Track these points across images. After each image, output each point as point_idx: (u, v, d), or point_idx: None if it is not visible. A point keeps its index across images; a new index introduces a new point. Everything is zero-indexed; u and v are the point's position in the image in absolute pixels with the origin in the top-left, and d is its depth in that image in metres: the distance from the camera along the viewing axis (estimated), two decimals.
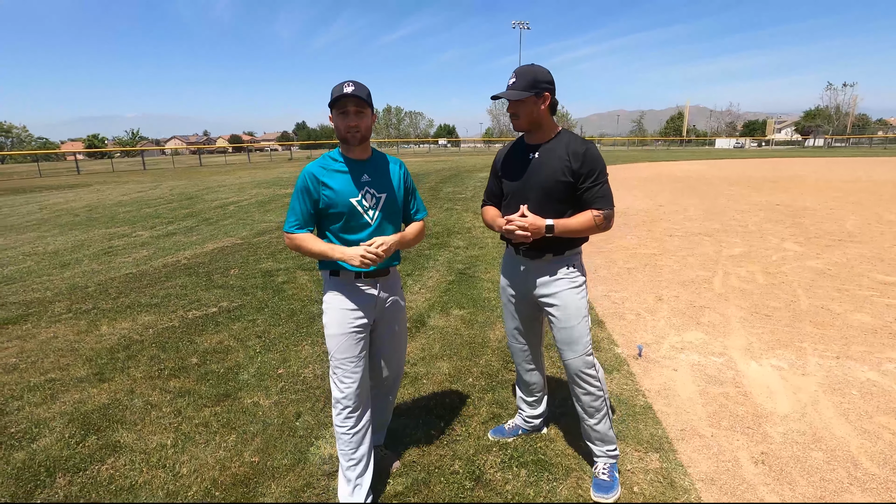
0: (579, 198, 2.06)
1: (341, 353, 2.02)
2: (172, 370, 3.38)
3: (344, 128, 1.94)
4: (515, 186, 2.16)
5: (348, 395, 2.03)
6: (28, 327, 4.25)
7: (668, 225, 8.52)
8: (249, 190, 15.31)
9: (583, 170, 2.02)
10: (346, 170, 2.00)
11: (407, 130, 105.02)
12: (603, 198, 2.04)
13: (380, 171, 2.08)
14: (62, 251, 7.37)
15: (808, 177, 17.41)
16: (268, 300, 4.80)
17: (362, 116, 1.95)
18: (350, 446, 2.05)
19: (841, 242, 6.92)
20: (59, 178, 25.45)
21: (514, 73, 2.07)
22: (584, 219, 2.03)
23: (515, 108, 2.07)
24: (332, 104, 1.92)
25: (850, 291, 4.81)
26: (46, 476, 2.33)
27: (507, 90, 2.06)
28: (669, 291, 4.94)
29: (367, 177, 2.03)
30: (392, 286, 2.17)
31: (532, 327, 2.40)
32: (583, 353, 2.15)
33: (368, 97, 1.95)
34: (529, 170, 2.12)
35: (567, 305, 2.14)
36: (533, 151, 2.14)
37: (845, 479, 2.25)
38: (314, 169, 2.00)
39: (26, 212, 12.14)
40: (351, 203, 1.98)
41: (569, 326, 2.14)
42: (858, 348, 3.57)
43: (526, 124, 2.10)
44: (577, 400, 2.24)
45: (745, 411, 2.81)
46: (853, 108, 78.92)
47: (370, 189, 2.02)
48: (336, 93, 1.89)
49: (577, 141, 2.08)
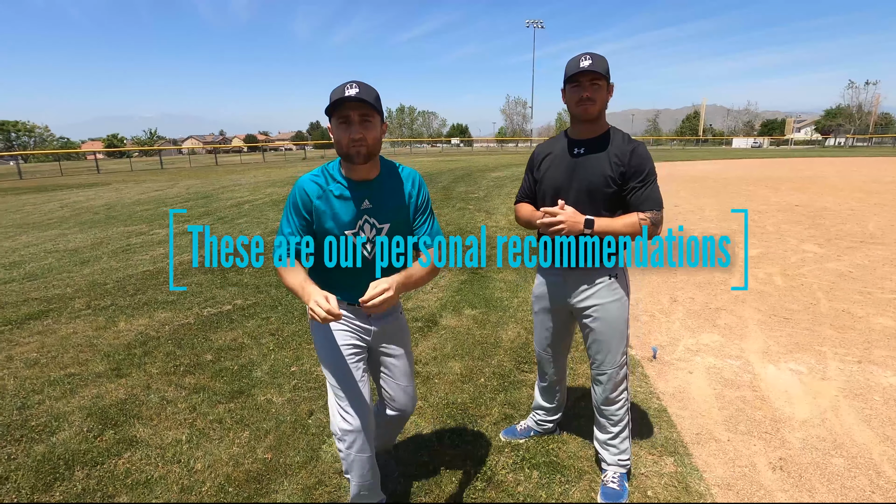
0: (625, 201, 1.92)
1: (342, 379, 1.75)
2: (188, 367, 3.43)
3: (346, 142, 1.56)
4: (556, 183, 2.00)
5: (356, 425, 1.74)
6: (48, 323, 4.35)
7: (684, 225, 8.40)
8: (264, 189, 15.47)
9: (630, 170, 1.88)
10: (346, 195, 1.66)
11: (420, 130, 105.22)
12: (651, 199, 1.89)
13: (386, 194, 1.71)
14: (82, 248, 7.53)
15: (829, 177, 17.03)
16: (281, 298, 4.84)
17: (369, 126, 1.57)
18: (361, 476, 1.83)
19: (863, 244, 6.75)
20: (79, 177, 26.00)
21: (588, 54, 1.86)
22: (628, 220, 1.87)
23: (593, 92, 1.86)
24: (330, 110, 1.55)
25: (872, 294, 4.69)
26: (65, 469, 2.38)
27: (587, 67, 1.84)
28: (684, 293, 4.87)
29: (369, 203, 1.68)
30: (388, 314, 1.85)
31: (563, 338, 2.30)
32: (616, 366, 2.09)
33: (377, 101, 1.57)
34: (574, 166, 1.97)
35: (607, 318, 2.03)
36: (580, 147, 1.98)
37: (867, 487, 2.19)
38: (307, 186, 1.67)
39: (48, 210, 12.42)
40: (345, 236, 1.68)
41: (606, 340, 2.06)
42: (881, 352, 3.48)
43: (597, 111, 1.90)
44: (599, 408, 2.20)
45: (763, 416, 2.75)
46: (876, 106, 77.06)
47: (370, 218, 1.69)
48: (336, 96, 1.52)
49: (626, 139, 1.94)
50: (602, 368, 2.12)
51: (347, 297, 1.75)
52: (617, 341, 2.07)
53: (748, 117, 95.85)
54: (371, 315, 1.81)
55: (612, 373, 2.10)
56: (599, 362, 2.12)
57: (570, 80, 1.90)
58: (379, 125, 1.62)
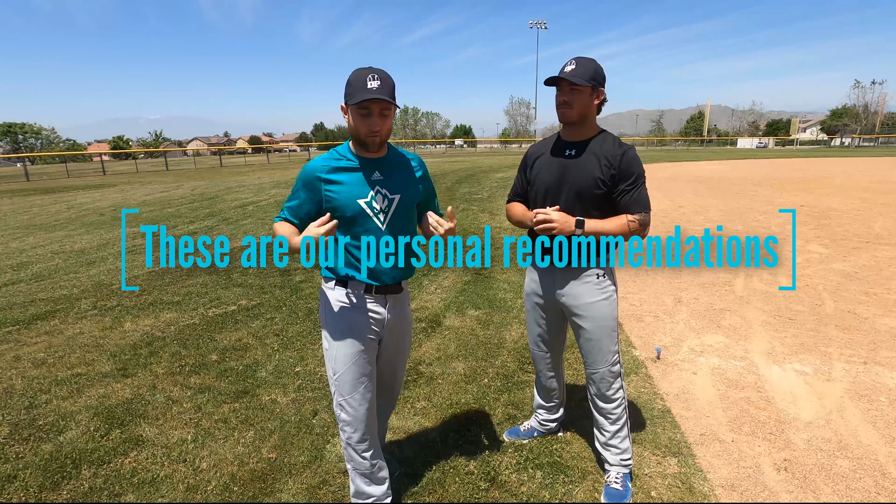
0: (615, 203, 1.96)
1: (350, 374, 1.82)
2: (193, 367, 3.45)
3: (365, 131, 1.68)
4: (547, 184, 2.04)
5: (360, 417, 1.85)
6: (55, 323, 4.38)
7: (688, 226, 8.37)
8: (268, 190, 15.54)
9: (620, 173, 1.91)
10: (356, 166, 1.76)
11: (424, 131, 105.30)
12: (639, 202, 1.93)
13: (394, 168, 1.83)
14: (88, 249, 7.58)
15: (835, 177, 16.93)
16: (286, 299, 4.87)
17: (386, 119, 1.68)
18: (366, 468, 1.93)
19: (869, 245, 6.71)
20: (85, 179, 26.18)
21: (574, 60, 1.91)
22: (618, 222, 1.92)
23: (570, 97, 1.91)
24: (351, 100, 1.63)
25: (878, 295, 4.67)
26: (72, 468, 2.40)
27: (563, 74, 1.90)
28: (689, 294, 4.86)
29: (379, 174, 1.78)
30: (402, 305, 1.95)
31: (556, 335, 2.33)
32: (608, 364, 2.11)
33: (393, 93, 1.68)
34: (564, 168, 2.00)
35: (595, 317, 2.06)
36: (570, 149, 2.01)
37: (872, 489, 2.18)
38: (318, 164, 1.76)
39: (55, 211, 12.52)
40: (359, 205, 1.74)
41: (596, 338, 2.09)
42: (887, 353, 3.46)
43: (576, 115, 1.95)
44: (596, 407, 2.21)
45: (768, 417, 2.74)
46: (882, 106, 76.52)
47: (382, 189, 1.77)
48: (359, 89, 1.61)
49: (617, 143, 1.97)
50: (595, 367, 2.14)
51: (363, 276, 1.80)
52: (607, 339, 2.09)
53: (753, 117, 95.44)
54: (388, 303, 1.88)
55: (604, 371, 2.12)
56: (591, 360, 2.14)
57: (550, 83, 1.96)
58: (393, 114, 1.73)
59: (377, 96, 1.60)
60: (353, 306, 1.82)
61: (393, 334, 1.95)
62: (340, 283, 1.83)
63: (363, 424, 1.87)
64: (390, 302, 1.88)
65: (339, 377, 1.83)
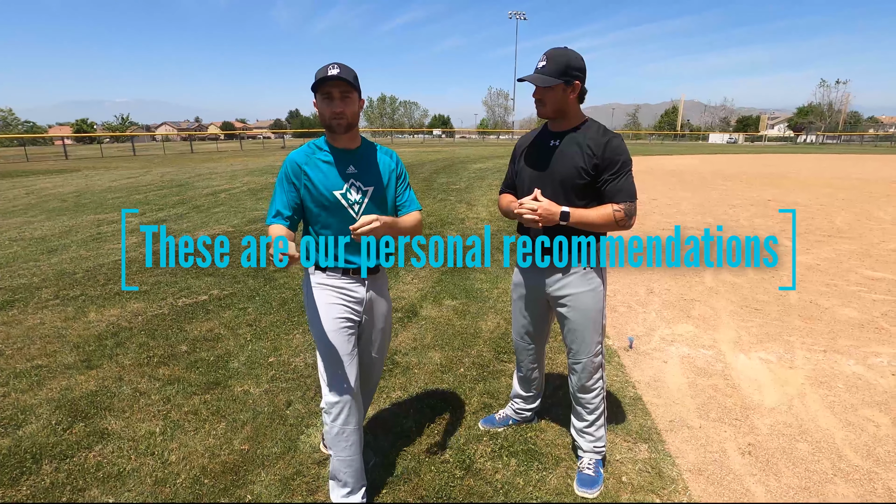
0: (600, 192, 1.95)
1: (333, 352, 1.89)
2: (162, 358, 3.36)
3: (329, 114, 1.80)
4: (534, 174, 2.05)
5: (344, 397, 1.90)
6: (14, 313, 4.19)
7: (661, 218, 8.56)
8: (241, 178, 15.15)
9: (604, 162, 1.91)
10: (331, 160, 1.87)
11: (401, 120, 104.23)
12: (623, 191, 1.92)
13: (368, 162, 1.93)
14: (49, 237, 7.26)
15: (800, 173, 17.53)
16: (259, 288, 4.77)
17: (348, 102, 1.81)
18: (346, 451, 1.95)
19: (830, 238, 6.99)
20: (46, 163, 25.01)
21: (546, 55, 1.91)
22: (603, 212, 1.91)
23: (542, 95, 1.94)
24: (315, 87, 1.79)
25: (838, 286, 4.87)
26: (32, 463, 2.31)
27: (535, 73, 1.91)
28: (660, 284, 4.97)
29: (354, 168, 1.89)
30: (380, 287, 2.05)
31: (541, 328, 2.33)
32: (591, 355, 2.13)
33: (355, 80, 1.80)
34: (549, 157, 2.01)
35: (580, 307, 2.07)
36: (555, 139, 2.02)
37: (829, 471, 2.28)
38: (297, 157, 1.87)
39: (12, 196, 11.93)
40: (335, 196, 1.85)
41: (580, 329, 2.10)
42: (845, 342, 3.62)
43: (551, 112, 1.98)
44: (575, 396, 2.24)
45: (734, 403, 2.84)
46: (845, 105, 79.40)
47: (356, 181, 1.88)
48: (320, 75, 1.75)
49: (602, 131, 1.97)
50: (577, 357, 2.16)
51: (342, 263, 1.92)
52: (591, 331, 2.11)
53: (724, 113, 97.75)
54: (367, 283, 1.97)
55: (586, 362, 2.14)
56: (575, 351, 2.16)
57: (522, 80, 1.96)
58: (357, 101, 1.85)
59: (335, 77, 1.73)
60: (333, 287, 1.93)
61: (373, 314, 2.04)
62: (320, 269, 1.95)
63: (347, 403, 1.92)
64: (369, 282, 1.99)
65: (324, 355, 1.91)
